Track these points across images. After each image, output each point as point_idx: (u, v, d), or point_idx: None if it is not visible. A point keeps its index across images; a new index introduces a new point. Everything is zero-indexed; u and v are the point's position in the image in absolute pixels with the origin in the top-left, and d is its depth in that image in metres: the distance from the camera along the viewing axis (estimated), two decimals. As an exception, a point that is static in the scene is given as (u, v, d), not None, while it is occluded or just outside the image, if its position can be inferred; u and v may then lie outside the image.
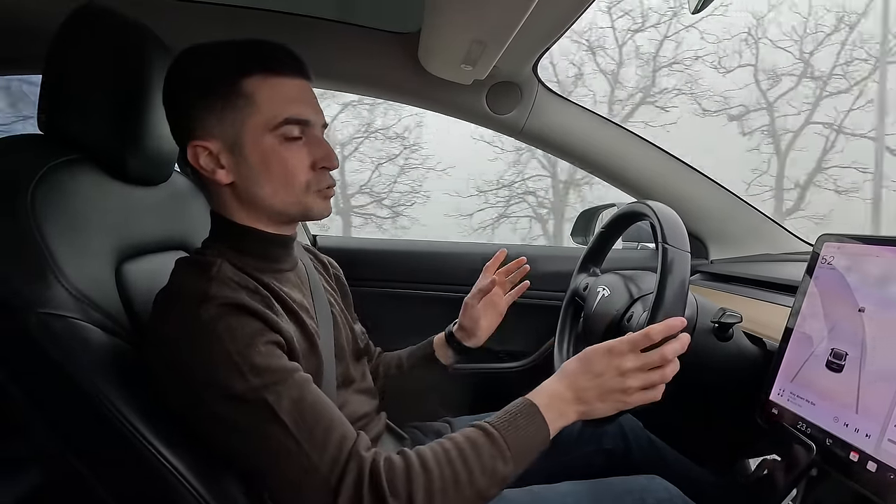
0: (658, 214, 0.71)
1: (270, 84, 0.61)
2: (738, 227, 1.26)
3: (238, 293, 0.58)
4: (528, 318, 1.33)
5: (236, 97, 0.60)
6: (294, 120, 0.62)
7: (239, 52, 0.62)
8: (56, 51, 0.66)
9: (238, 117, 0.61)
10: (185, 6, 1.00)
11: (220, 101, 0.61)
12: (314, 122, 0.64)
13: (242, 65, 0.61)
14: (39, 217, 0.57)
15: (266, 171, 0.62)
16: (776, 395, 0.65)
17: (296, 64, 0.64)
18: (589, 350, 0.61)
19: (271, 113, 0.61)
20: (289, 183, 0.63)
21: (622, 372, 0.58)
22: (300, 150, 0.63)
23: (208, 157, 0.62)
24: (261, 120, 0.61)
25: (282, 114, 0.61)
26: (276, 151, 0.62)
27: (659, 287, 0.64)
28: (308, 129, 0.64)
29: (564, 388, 0.60)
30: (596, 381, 0.59)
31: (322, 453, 0.53)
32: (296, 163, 0.63)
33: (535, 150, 4.67)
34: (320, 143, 0.65)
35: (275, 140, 0.62)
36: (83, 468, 0.58)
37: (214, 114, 0.61)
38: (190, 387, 0.54)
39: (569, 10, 0.86)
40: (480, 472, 0.55)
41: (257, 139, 0.61)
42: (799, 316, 0.65)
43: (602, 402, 0.59)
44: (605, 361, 0.59)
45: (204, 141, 0.62)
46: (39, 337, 0.55)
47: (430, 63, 1.01)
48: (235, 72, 0.61)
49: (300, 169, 0.63)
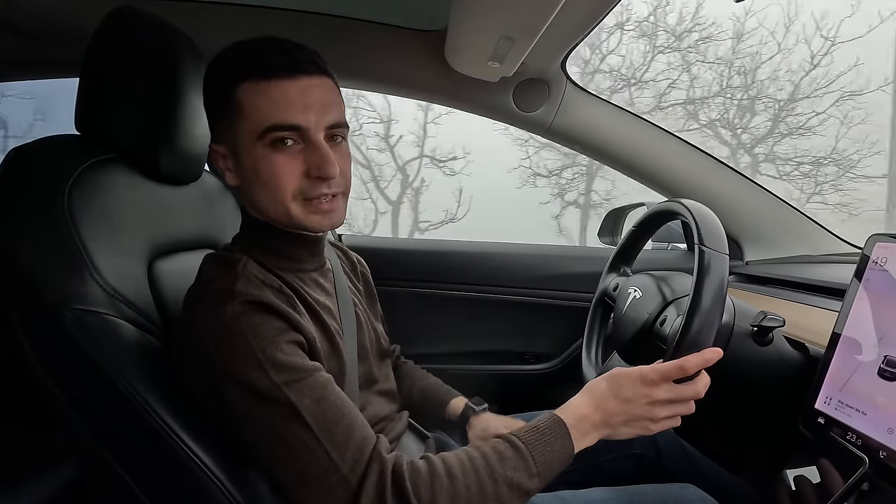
0: (694, 214, 0.68)
1: (258, 90, 0.58)
2: (775, 227, 1.21)
3: (263, 291, 0.58)
4: (554, 319, 1.31)
5: (229, 105, 0.60)
6: (280, 126, 0.58)
7: (233, 60, 0.61)
8: (92, 53, 0.68)
9: (232, 125, 0.60)
10: (215, 8, 1.01)
11: (218, 109, 0.62)
12: (311, 126, 0.59)
13: (234, 73, 0.59)
14: (76, 216, 0.59)
15: (257, 179, 0.61)
16: (822, 403, 0.61)
17: (295, 63, 0.59)
18: (619, 374, 0.60)
19: (255, 121, 0.59)
20: (277, 192, 0.60)
21: (653, 401, 0.58)
22: (294, 157, 0.59)
23: (222, 160, 0.64)
24: (248, 128, 0.59)
25: (265, 121, 0.58)
26: (265, 160, 0.59)
27: (695, 291, 0.62)
28: (306, 134, 0.59)
29: (592, 409, 0.59)
30: (625, 406, 0.58)
31: (343, 453, 0.52)
32: (285, 171, 0.59)
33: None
34: (316, 149, 0.59)
35: (264, 148, 0.59)
36: (115, 462, 0.59)
37: (217, 120, 0.63)
38: (213, 383, 0.55)
39: (600, 3, 0.84)
40: (505, 485, 0.54)
41: (248, 147, 0.60)
42: (847, 321, 0.62)
43: (627, 427, 0.59)
44: (635, 389, 0.58)
45: (216, 144, 0.64)
46: (74, 332, 0.56)
47: (457, 60, 1.00)
48: (228, 81, 0.60)
49: (289, 177, 0.59)
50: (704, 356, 0.58)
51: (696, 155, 1.18)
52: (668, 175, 1.19)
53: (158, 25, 0.69)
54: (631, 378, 0.59)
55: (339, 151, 0.62)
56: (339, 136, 0.63)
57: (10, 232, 0.58)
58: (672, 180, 1.19)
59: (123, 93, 0.67)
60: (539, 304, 1.30)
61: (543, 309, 1.30)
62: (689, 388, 0.58)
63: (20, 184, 0.60)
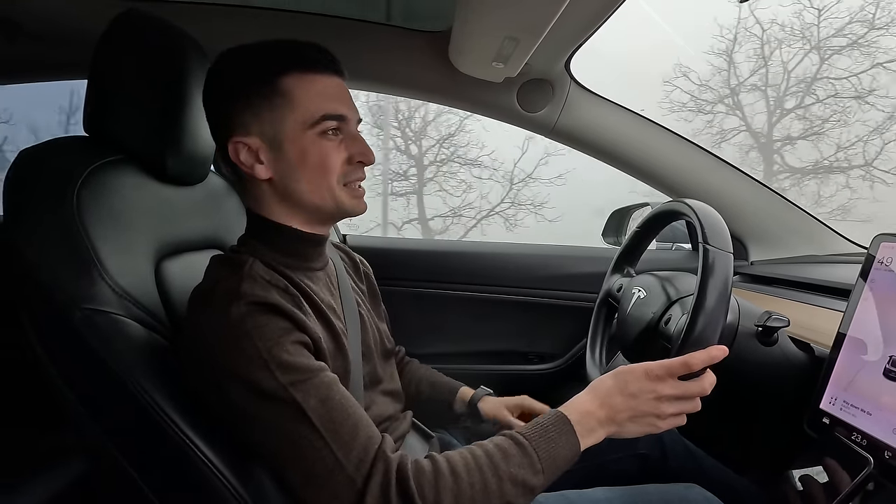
0: (698, 213, 0.68)
1: (307, 81, 0.63)
2: (780, 227, 1.21)
3: (269, 291, 0.58)
4: (558, 319, 1.31)
5: (274, 95, 0.62)
6: (331, 116, 0.63)
7: (276, 52, 0.63)
8: (100, 56, 0.68)
9: (277, 115, 0.62)
10: (221, 10, 1.02)
11: (259, 100, 0.62)
12: (350, 118, 0.66)
13: (280, 63, 0.63)
14: (85, 216, 0.59)
15: (303, 167, 0.63)
16: (827, 403, 0.61)
17: (330, 62, 0.65)
18: (624, 370, 0.60)
19: (309, 110, 0.62)
20: (325, 178, 0.64)
21: (658, 397, 0.58)
22: (337, 145, 0.64)
23: (248, 153, 0.64)
24: (299, 116, 0.62)
25: (319, 110, 0.62)
26: (315, 147, 0.63)
27: (700, 289, 0.62)
28: (344, 125, 0.65)
29: (597, 406, 0.59)
30: (631, 402, 0.58)
31: (348, 452, 0.53)
32: (333, 157, 0.64)
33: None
34: (356, 138, 0.66)
35: (313, 136, 0.63)
36: (123, 459, 0.59)
37: (254, 111, 0.63)
38: (219, 383, 0.55)
39: (604, 4, 0.84)
40: (510, 482, 0.54)
41: (296, 135, 0.63)
42: (853, 321, 0.61)
43: (634, 423, 0.59)
44: (641, 384, 0.58)
45: (244, 137, 0.63)
46: (83, 332, 0.57)
47: (461, 61, 1.00)
48: (273, 70, 0.62)
49: (336, 164, 0.64)
50: (710, 353, 0.58)
51: (700, 155, 1.18)
52: (672, 175, 1.19)
53: (165, 28, 0.70)
54: (636, 374, 0.59)
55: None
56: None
57: (20, 232, 0.59)
58: (676, 180, 1.19)
59: (131, 95, 0.68)
60: (543, 304, 1.30)
61: (547, 309, 1.30)
62: (696, 385, 0.58)
63: (30, 184, 0.61)
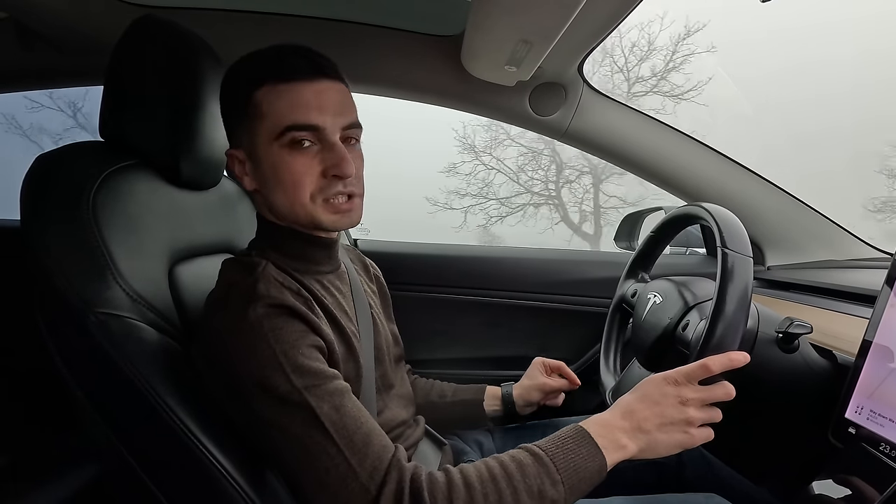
0: (716, 217, 0.67)
1: (278, 92, 0.60)
2: (798, 231, 1.19)
3: (283, 294, 0.58)
4: (571, 325, 1.29)
5: (249, 108, 0.61)
6: (298, 126, 0.60)
7: (254, 64, 0.62)
8: (115, 62, 0.69)
9: (251, 127, 0.62)
10: (235, 16, 1.03)
11: (238, 112, 0.63)
12: (325, 127, 0.61)
13: (255, 76, 0.61)
14: (100, 221, 0.60)
15: (276, 180, 0.62)
16: (853, 412, 0.60)
17: (314, 67, 0.62)
18: (644, 381, 0.59)
19: (274, 122, 0.60)
20: (296, 192, 0.61)
21: (683, 401, 0.56)
22: (311, 157, 0.61)
23: (238, 164, 0.65)
24: (267, 129, 0.61)
25: (283, 122, 0.60)
26: (282, 160, 0.61)
27: (719, 295, 0.61)
28: (323, 135, 0.61)
29: (618, 417, 0.57)
30: (655, 409, 0.56)
31: (362, 460, 0.52)
32: (302, 170, 0.61)
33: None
34: (332, 149, 0.61)
35: (281, 149, 0.61)
36: (134, 462, 0.59)
37: (236, 124, 0.64)
38: (234, 385, 0.55)
39: (618, 7, 0.83)
40: (526, 493, 0.52)
41: (266, 148, 0.61)
42: (879, 328, 0.60)
43: (664, 433, 0.56)
44: (662, 389, 0.57)
45: (234, 149, 0.65)
46: (98, 336, 0.57)
47: (474, 65, 1.00)
48: (249, 83, 0.61)
49: (307, 177, 0.61)
50: (730, 356, 0.56)
51: (714, 158, 1.16)
52: (686, 178, 1.17)
53: (180, 34, 0.70)
54: (655, 381, 0.58)
55: (353, 153, 0.64)
56: (354, 139, 0.65)
57: (36, 236, 0.59)
58: (690, 184, 1.18)
59: (146, 100, 0.69)
60: (555, 309, 1.28)
61: (559, 314, 1.29)
62: (720, 388, 0.56)
63: (46, 189, 0.61)
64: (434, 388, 0.92)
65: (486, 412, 0.89)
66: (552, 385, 0.89)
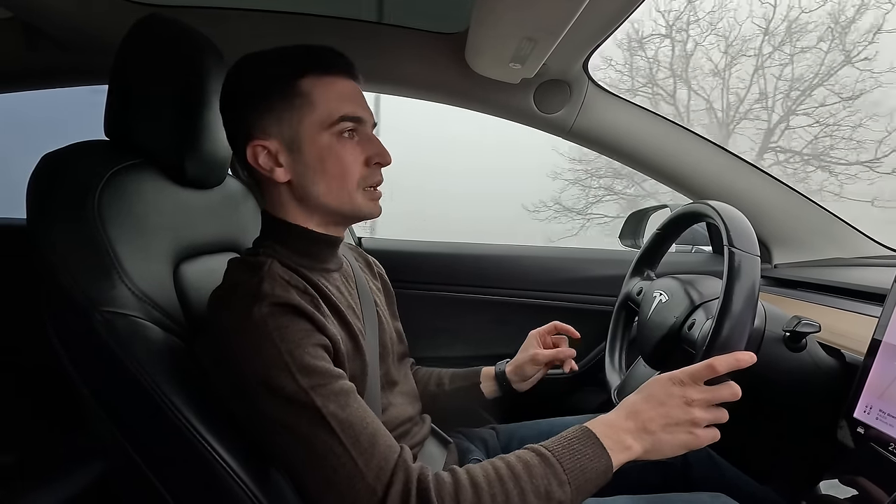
0: (723, 215, 0.66)
1: (325, 83, 0.63)
2: (804, 229, 1.18)
3: (289, 292, 0.58)
4: (576, 323, 1.27)
5: (293, 97, 0.62)
6: (349, 117, 0.63)
7: (294, 55, 0.64)
8: (120, 61, 0.69)
9: (295, 116, 0.63)
10: (239, 14, 1.03)
11: (279, 102, 0.63)
12: (366, 120, 0.66)
13: (298, 66, 0.63)
14: (105, 220, 0.60)
15: (321, 169, 0.64)
16: (861, 412, 0.59)
17: (346, 65, 0.66)
18: (649, 381, 0.59)
19: (327, 111, 0.63)
20: (343, 179, 0.64)
21: (688, 401, 0.55)
22: (354, 147, 0.65)
23: (267, 156, 0.64)
24: (317, 118, 0.63)
25: (337, 111, 0.63)
26: (332, 148, 0.63)
27: (726, 293, 0.60)
28: (361, 128, 0.65)
29: (623, 417, 0.57)
30: (660, 409, 0.56)
31: (368, 460, 0.52)
32: (350, 159, 0.64)
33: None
34: (372, 139, 0.66)
35: (331, 137, 0.63)
36: (140, 460, 0.59)
37: (273, 114, 0.63)
38: (239, 384, 0.55)
39: (623, 3, 0.83)
40: (533, 493, 0.52)
41: (314, 137, 0.63)
42: (889, 327, 0.59)
43: (668, 433, 0.55)
44: (667, 389, 0.56)
45: (263, 140, 0.63)
46: (103, 334, 0.57)
47: (478, 62, 1.00)
48: (292, 73, 0.63)
49: (354, 165, 0.64)
50: (736, 356, 0.55)
51: (720, 155, 1.16)
52: (692, 176, 1.17)
53: (184, 33, 0.70)
54: (660, 381, 0.57)
55: None
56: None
57: (42, 235, 0.59)
58: (696, 181, 1.17)
59: (150, 99, 0.69)
60: (560, 307, 1.28)
61: (564, 312, 1.29)
62: (726, 388, 0.55)
63: (52, 188, 0.61)
64: (432, 377, 0.92)
65: (485, 394, 0.89)
66: (545, 355, 0.87)
